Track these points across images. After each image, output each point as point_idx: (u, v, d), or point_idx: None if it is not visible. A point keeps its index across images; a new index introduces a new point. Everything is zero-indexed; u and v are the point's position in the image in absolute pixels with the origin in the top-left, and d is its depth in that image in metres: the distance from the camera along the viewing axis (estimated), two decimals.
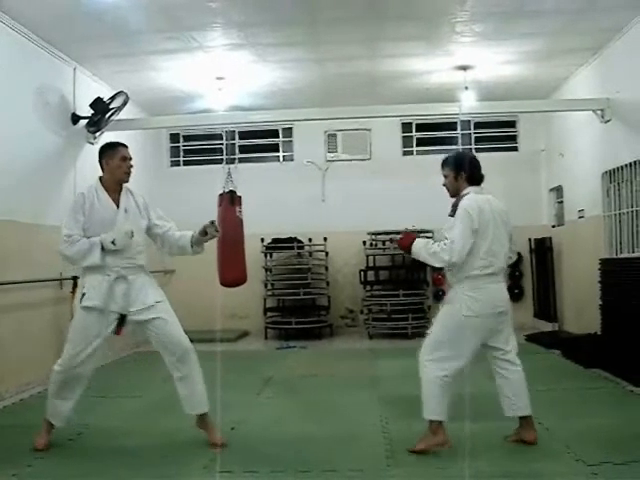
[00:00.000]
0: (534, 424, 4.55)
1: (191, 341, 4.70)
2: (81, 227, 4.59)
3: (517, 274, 11.80)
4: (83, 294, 4.58)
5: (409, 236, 4.68)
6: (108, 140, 9.03)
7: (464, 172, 4.56)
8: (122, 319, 4.60)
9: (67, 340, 4.67)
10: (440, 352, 4.39)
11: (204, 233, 4.70)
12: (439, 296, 10.92)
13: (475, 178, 4.58)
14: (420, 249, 4.50)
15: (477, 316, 4.35)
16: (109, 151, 4.77)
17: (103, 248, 4.51)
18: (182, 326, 4.72)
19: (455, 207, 4.48)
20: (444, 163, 4.68)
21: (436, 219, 5.78)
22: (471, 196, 4.48)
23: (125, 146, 4.84)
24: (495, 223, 4.43)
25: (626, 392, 6.14)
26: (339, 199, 11.76)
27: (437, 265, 4.48)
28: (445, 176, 4.66)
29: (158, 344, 4.64)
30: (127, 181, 4.80)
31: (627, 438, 4.59)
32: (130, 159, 4.80)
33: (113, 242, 4.49)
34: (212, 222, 4.73)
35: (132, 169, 4.82)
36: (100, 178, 4.78)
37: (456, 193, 4.58)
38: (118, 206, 4.69)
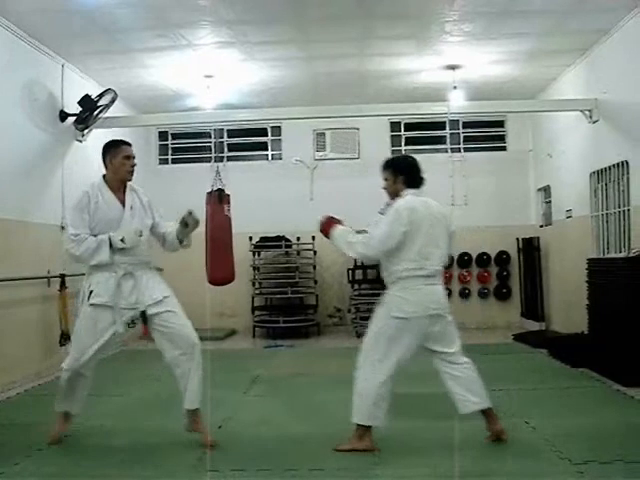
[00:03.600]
0: (496, 416, 4.54)
1: None
2: (87, 226, 4.56)
3: (505, 274, 11.86)
4: (91, 291, 4.54)
5: (331, 222, 4.65)
6: (95, 137, 9.10)
7: (402, 175, 4.58)
8: (144, 317, 4.57)
9: (73, 337, 4.68)
10: (375, 355, 4.38)
11: (185, 224, 4.71)
12: None
13: (414, 181, 4.60)
14: (339, 236, 4.53)
15: (407, 317, 4.33)
16: (112, 149, 4.74)
17: (111, 245, 4.50)
18: None
19: (388, 206, 4.50)
20: (383, 167, 4.70)
21: None
22: (407, 197, 4.49)
23: (129, 144, 4.82)
24: (431, 224, 4.42)
25: (612, 391, 6.17)
26: (327, 198, 11.69)
27: (352, 255, 4.54)
28: (385, 179, 4.68)
29: (164, 338, 4.59)
30: (130, 179, 4.78)
31: (613, 437, 4.62)
32: (133, 157, 4.78)
33: (122, 240, 4.49)
34: (190, 212, 4.72)
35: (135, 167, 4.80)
36: (103, 176, 4.76)
37: (395, 196, 4.59)
38: (123, 204, 4.68)
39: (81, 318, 4.62)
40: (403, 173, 4.59)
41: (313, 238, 11.33)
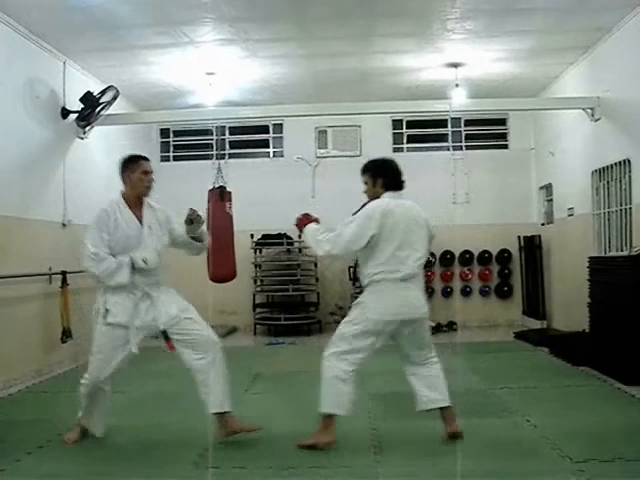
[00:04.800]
0: (455, 416, 4.53)
1: None
2: (106, 245, 4.50)
3: (506, 272, 11.85)
4: (106, 310, 4.51)
5: (307, 219, 4.67)
6: (97, 134, 9.10)
7: (381, 178, 4.56)
8: (165, 335, 4.59)
9: (91, 355, 4.64)
10: (344, 349, 4.41)
11: (190, 222, 4.71)
12: (427, 293, 10.94)
13: (393, 184, 4.57)
14: (309, 233, 4.57)
15: (381, 320, 4.35)
16: (130, 165, 4.70)
17: (133, 266, 4.48)
18: None
19: (363, 207, 4.49)
20: (362, 170, 4.68)
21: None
22: (384, 200, 4.47)
23: (147, 159, 4.79)
24: (408, 228, 4.40)
25: (613, 389, 6.18)
26: (329, 195, 11.70)
27: (319, 253, 4.52)
28: (364, 183, 4.66)
29: (182, 345, 4.59)
30: (147, 195, 4.75)
31: (614, 435, 4.62)
32: (151, 172, 4.74)
33: (144, 261, 4.47)
34: (192, 210, 4.72)
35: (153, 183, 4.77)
36: (122, 193, 4.72)
37: (374, 199, 4.55)
38: (141, 221, 4.65)
39: (97, 337, 4.58)
40: (382, 176, 4.57)
41: None
